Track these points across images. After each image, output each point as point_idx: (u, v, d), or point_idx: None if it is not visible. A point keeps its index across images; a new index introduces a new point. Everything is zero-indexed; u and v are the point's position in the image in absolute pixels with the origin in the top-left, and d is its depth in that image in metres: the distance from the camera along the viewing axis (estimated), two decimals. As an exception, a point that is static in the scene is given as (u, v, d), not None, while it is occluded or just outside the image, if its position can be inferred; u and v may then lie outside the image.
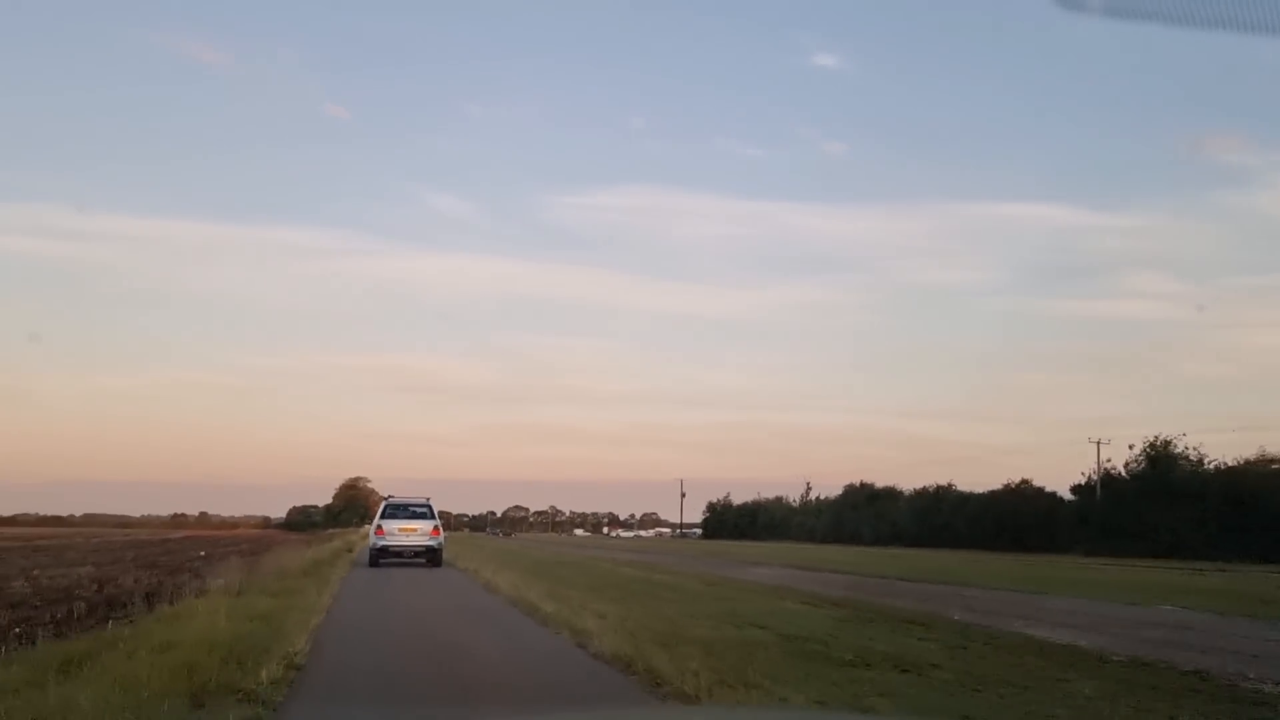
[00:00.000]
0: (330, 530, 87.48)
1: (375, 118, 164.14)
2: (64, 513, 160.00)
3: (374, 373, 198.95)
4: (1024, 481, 64.42)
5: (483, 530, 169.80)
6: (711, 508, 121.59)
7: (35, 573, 21.93)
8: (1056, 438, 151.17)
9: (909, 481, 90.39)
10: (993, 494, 66.03)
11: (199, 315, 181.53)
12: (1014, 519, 59.88)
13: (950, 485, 73.23)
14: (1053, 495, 62.57)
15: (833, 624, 11.98)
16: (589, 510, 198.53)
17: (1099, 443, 59.14)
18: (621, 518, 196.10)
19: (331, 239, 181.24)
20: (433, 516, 27.09)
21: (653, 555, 40.85)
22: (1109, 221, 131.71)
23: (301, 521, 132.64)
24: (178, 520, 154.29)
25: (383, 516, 26.28)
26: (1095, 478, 58.83)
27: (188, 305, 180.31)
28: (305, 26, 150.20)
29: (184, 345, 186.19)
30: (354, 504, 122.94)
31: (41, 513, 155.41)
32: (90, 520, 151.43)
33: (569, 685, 7.59)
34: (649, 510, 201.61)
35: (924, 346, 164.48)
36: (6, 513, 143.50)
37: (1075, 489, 60.86)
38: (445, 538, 27.89)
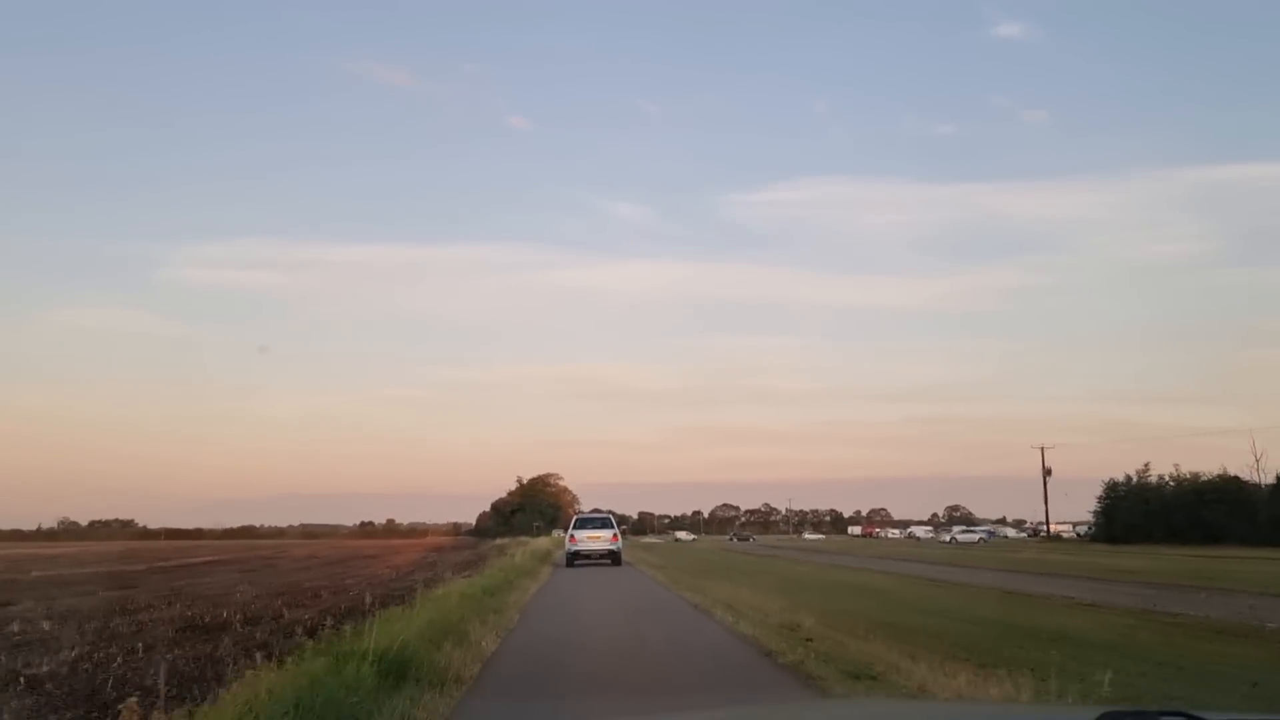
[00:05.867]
0: (496, 540, 65.62)
1: (555, 125, 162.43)
2: (284, 524, 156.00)
3: (563, 381, 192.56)
4: None
5: (687, 533, 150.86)
6: (1112, 492, 74.37)
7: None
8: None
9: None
10: None
11: (398, 333, 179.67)
12: None
13: None
14: None
15: None
16: (808, 508, 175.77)
17: None
18: (846, 515, 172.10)
19: (516, 252, 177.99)
20: (613, 526, 33.11)
21: None
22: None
23: (490, 528, 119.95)
24: (365, 529, 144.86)
25: (574, 528, 33.10)
26: None
27: (388, 324, 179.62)
28: (484, 39, 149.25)
29: (386, 362, 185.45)
30: (535, 502, 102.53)
31: (267, 524, 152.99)
32: (280, 532, 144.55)
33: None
34: (876, 506, 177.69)
35: (1135, 327, 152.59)
36: (228, 525, 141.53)
37: None
38: (626, 543, 36.01)
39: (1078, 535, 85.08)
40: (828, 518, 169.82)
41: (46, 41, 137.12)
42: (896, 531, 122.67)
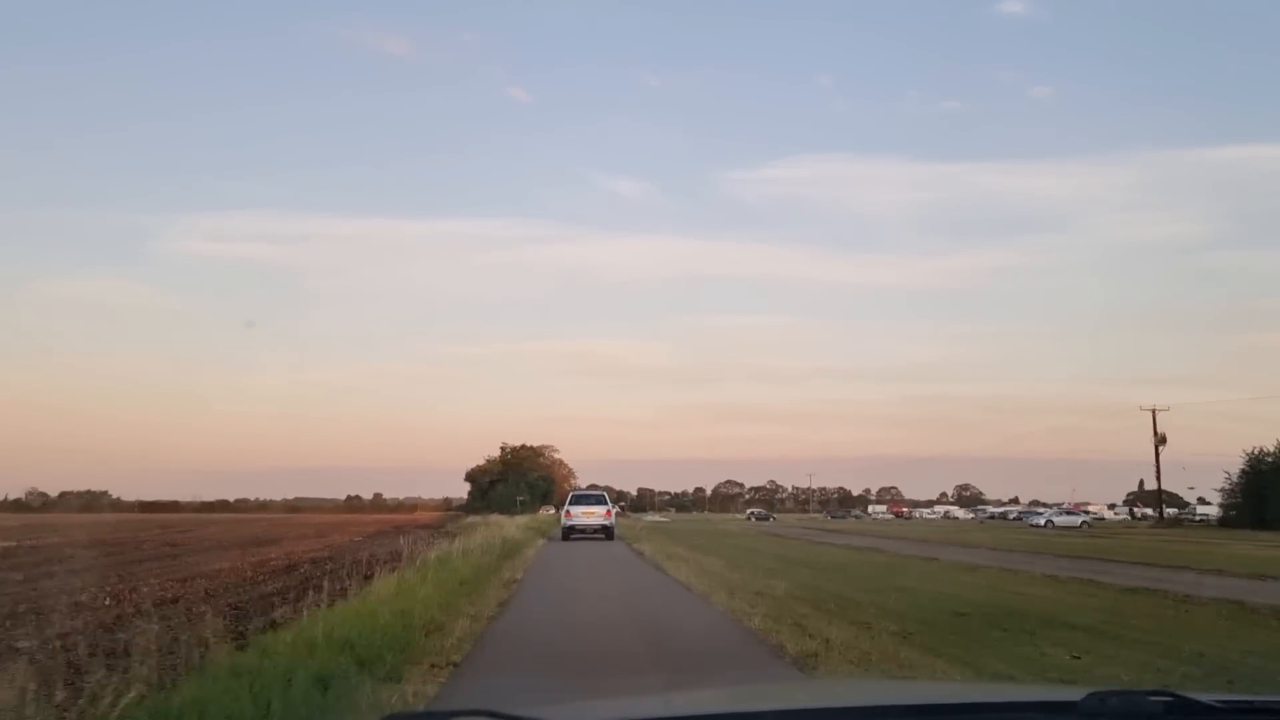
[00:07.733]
0: (468, 518, 57.24)
1: (554, 98, 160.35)
2: (277, 497, 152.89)
3: (560, 358, 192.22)
4: None
5: (689, 511, 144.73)
6: (1257, 465, 59.81)
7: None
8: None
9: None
10: None
11: (392, 308, 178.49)
12: None
13: None
14: None
15: None
16: (815, 486, 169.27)
17: None
18: (854, 493, 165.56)
19: (513, 227, 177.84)
20: (607, 503, 34.50)
21: None
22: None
23: (468, 503, 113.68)
24: (351, 504, 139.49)
25: (570, 504, 34.69)
26: None
27: (382, 299, 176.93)
28: (484, 9, 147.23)
29: (381, 337, 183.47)
30: (520, 473, 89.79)
31: (259, 497, 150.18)
32: (264, 506, 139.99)
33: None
34: (885, 485, 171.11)
35: (1134, 309, 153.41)
36: (208, 498, 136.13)
37: None
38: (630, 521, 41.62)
39: (1200, 519, 72.40)
40: (835, 496, 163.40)
41: (39, 15, 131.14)
42: (928, 511, 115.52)
